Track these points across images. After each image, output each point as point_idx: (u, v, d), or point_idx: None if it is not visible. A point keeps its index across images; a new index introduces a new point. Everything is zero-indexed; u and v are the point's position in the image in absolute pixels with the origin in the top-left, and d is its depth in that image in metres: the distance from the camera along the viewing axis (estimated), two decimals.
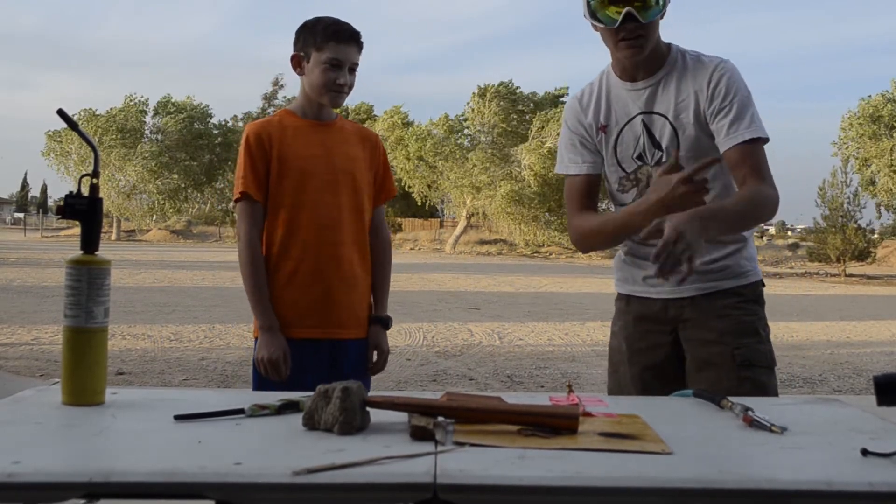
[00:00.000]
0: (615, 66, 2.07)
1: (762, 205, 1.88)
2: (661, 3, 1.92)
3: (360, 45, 2.25)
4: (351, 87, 2.25)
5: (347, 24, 2.23)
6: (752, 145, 1.90)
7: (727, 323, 2.00)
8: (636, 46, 1.94)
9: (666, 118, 1.99)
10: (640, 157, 2.04)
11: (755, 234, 2.19)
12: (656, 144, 2.01)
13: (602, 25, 1.94)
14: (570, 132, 2.13)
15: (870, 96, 32.45)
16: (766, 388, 1.96)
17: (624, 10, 1.88)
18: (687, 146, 1.97)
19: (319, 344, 2.22)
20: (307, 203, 2.21)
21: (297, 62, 2.25)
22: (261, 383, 2.17)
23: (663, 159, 1.99)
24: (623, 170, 2.07)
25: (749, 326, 2.01)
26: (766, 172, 1.91)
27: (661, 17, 1.95)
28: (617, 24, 1.90)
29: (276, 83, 47.98)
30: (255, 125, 2.27)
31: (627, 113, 2.04)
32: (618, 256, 2.17)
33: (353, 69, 2.24)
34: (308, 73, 2.23)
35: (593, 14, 1.94)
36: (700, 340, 2.02)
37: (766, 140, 1.92)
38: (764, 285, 2.11)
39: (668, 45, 2.03)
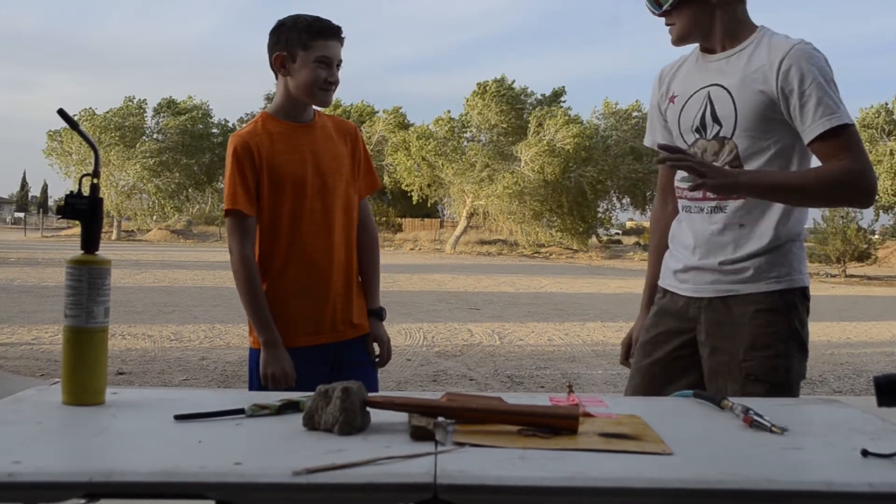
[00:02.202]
0: None
1: (833, 180, 1.80)
2: None
3: (342, 41, 2.21)
4: (337, 84, 2.21)
5: (329, 21, 2.18)
6: (834, 133, 1.79)
7: (739, 332, 1.90)
8: (671, 33, 1.97)
9: (728, 91, 1.91)
10: (697, 130, 1.98)
11: None
12: (715, 118, 1.94)
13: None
14: (651, 102, 2.17)
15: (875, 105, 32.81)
16: None
17: None
18: (745, 121, 1.88)
19: (324, 349, 2.22)
20: (302, 212, 2.18)
21: (282, 62, 2.16)
22: (258, 388, 2.16)
23: (720, 134, 1.93)
24: (685, 142, 2.01)
25: (762, 339, 1.89)
26: (849, 152, 1.80)
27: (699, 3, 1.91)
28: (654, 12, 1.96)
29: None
30: (239, 136, 2.17)
31: (696, 84, 1.99)
32: (667, 252, 2.13)
33: (339, 66, 2.20)
34: (295, 74, 2.16)
35: None
36: (711, 348, 1.95)
37: (850, 125, 1.80)
38: (806, 296, 1.95)
39: (757, 27, 1.95)
